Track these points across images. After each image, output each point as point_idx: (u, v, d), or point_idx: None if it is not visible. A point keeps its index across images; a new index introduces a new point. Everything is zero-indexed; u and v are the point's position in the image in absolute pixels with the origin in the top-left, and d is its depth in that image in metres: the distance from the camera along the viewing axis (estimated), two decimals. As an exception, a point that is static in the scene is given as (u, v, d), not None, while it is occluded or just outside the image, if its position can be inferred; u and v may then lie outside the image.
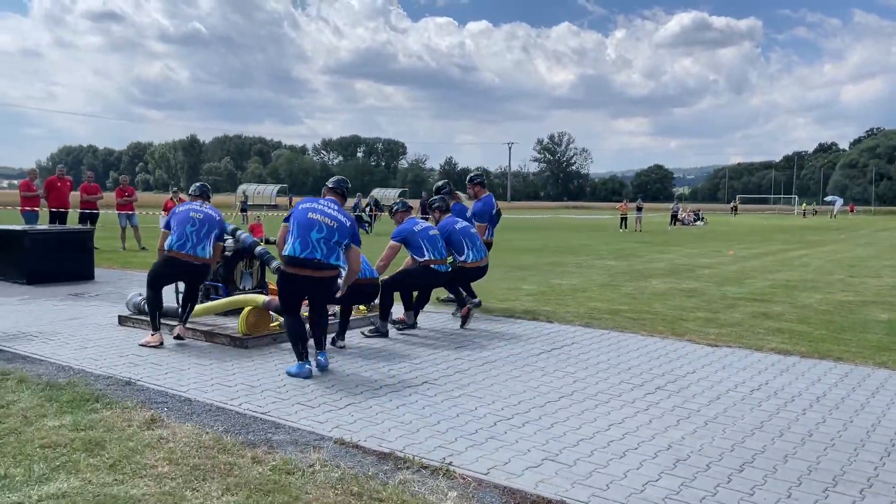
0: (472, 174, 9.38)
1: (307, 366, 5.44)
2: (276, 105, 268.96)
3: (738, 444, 4.13)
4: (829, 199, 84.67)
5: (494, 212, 9.30)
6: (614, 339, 7.13)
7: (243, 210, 36.70)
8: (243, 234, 7.63)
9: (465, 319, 7.54)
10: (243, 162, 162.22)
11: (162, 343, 6.40)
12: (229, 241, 7.64)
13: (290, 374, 5.44)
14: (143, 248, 16.19)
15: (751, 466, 3.80)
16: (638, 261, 16.32)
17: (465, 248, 7.80)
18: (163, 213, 17.26)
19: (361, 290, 6.52)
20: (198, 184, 7.41)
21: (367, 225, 27.99)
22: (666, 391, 5.24)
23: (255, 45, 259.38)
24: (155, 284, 6.55)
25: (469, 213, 8.94)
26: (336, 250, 5.59)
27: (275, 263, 6.78)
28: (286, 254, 5.55)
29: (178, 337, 6.54)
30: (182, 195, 17.83)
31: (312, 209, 5.64)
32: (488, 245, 8.83)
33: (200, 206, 6.86)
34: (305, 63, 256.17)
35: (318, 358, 5.63)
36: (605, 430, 4.33)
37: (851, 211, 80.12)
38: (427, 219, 9.20)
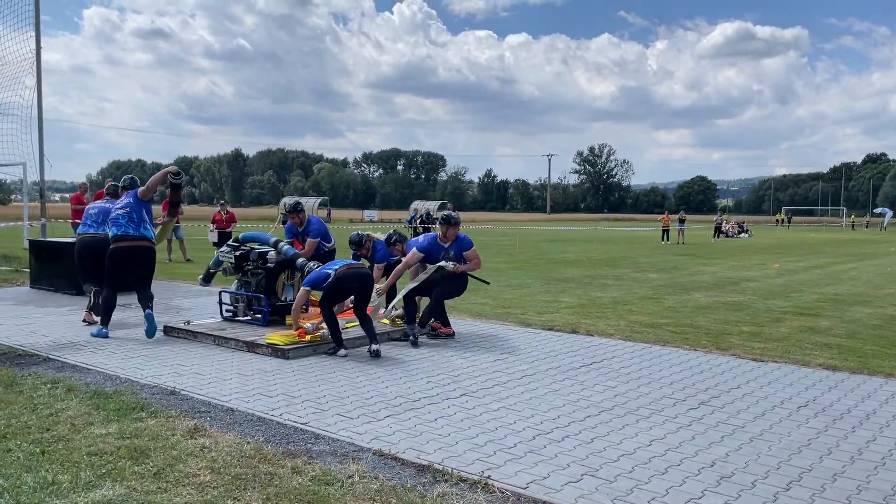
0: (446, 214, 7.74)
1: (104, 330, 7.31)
2: (318, 119, 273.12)
3: (784, 462, 4.02)
4: (878, 210, 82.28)
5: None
6: (656, 353, 7.03)
7: (284, 222, 37.14)
8: (285, 247, 7.77)
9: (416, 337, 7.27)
10: (286, 175, 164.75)
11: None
12: (271, 253, 7.76)
13: (92, 335, 7.26)
14: (189, 260, 16.51)
15: (798, 485, 3.70)
16: (680, 274, 16.07)
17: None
18: (211, 225, 17.59)
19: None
20: (127, 176, 8.52)
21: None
22: (710, 406, 5.13)
23: (298, 61, 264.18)
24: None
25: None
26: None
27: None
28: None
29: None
30: (229, 208, 18.20)
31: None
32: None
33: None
34: (347, 77, 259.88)
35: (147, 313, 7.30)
36: (646, 446, 4.26)
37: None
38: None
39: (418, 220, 29.13)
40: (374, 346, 6.58)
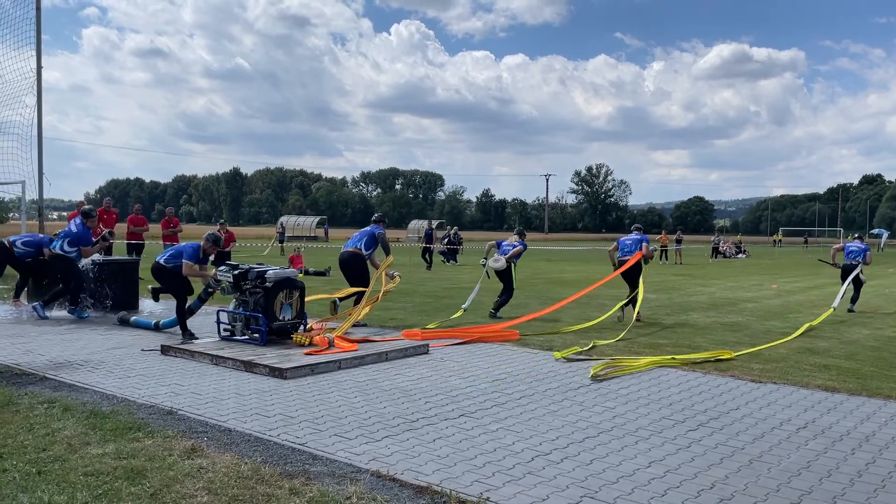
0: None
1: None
2: (317, 138, 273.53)
3: (784, 485, 4.01)
4: (875, 231, 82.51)
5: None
6: (655, 373, 7.02)
7: (281, 241, 37.01)
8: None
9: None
10: (284, 194, 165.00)
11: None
12: (270, 273, 7.79)
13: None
14: None
15: (798, 508, 3.68)
16: (678, 294, 16.07)
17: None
18: None
19: None
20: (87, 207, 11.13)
21: (452, 257, 28.18)
22: (709, 428, 5.12)
23: (297, 81, 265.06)
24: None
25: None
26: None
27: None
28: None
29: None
30: (228, 227, 18.20)
31: None
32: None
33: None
34: (345, 97, 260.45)
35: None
36: (645, 468, 4.25)
37: (900, 244, 77.85)
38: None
39: (447, 241, 29.52)
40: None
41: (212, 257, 9.38)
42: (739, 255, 41.38)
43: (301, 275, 16.37)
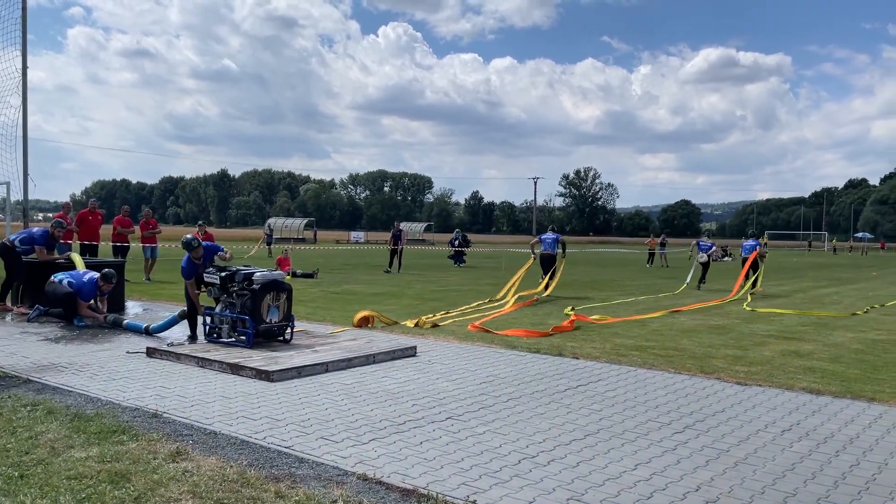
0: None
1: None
2: (305, 140, 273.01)
3: (769, 487, 4.03)
4: (859, 235, 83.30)
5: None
6: (641, 376, 7.04)
7: (268, 243, 36.84)
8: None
9: None
10: (272, 196, 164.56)
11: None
12: (258, 274, 7.76)
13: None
14: (148, 280, 16.41)
15: (782, 510, 3.71)
16: (665, 297, 16.14)
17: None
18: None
19: None
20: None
21: (462, 259, 28.40)
22: (694, 430, 5.14)
23: (284, 82, 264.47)
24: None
25: None
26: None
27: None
28: None
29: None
30: (208, 229, 18.03)
31: None
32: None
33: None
34: (333, 99, 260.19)
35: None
36: (631, 470, 4.26)
37: (882, 248, 78.69)
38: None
39: (457, 243, 29.51)
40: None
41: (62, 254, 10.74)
42: (725, 259, 41.62)
43: (289, 277, 16.33)
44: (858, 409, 5.86)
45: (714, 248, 19.80)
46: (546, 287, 15.33)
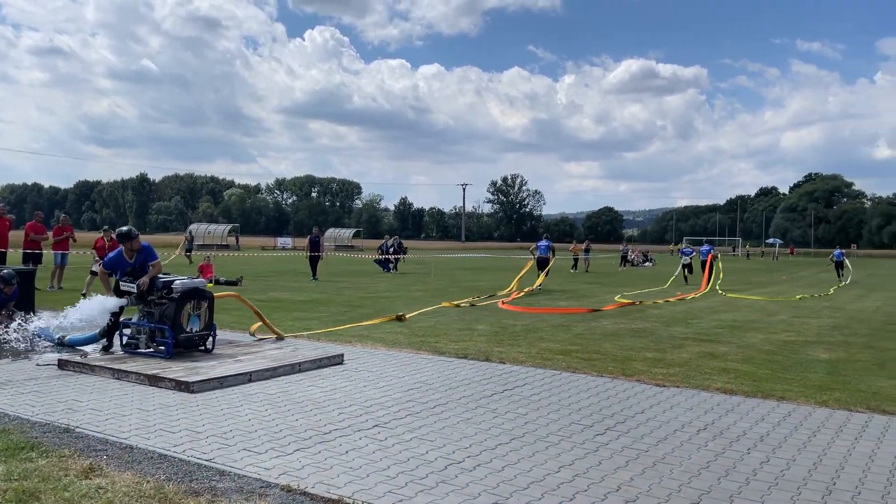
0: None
1: None
2: (229, 144, 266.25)
3: (685, 485, 4.17)
4: (770, 241, 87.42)
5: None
6: (566, 379, 7.18)
7: (189, 250, 35.28)
8: None
9: None
10: (195, 201, 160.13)
11: None
12: (177, 282, 7.54)
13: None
14: (58, 287, 15.72)
15: (698, 507, 3.84)
16: (589, 302, 16.51)
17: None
18: (93, 251, 16.48)
19: None
20: None
21: (391, 265, 28.22)
22: (616, 431, 5.28)
23: (207, 84, 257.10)
24: None
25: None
26: None
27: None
28: None
29: None
30: (112, 234, 17.06)
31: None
32: None
33: None
34: (258, 102, 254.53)
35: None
36: (555, 472, 4.33)
37: (792, 253, 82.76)
38: None
39: (392, 250, 29.24)
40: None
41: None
42: (647, 264, 42.94)
43: (211, 284, 15.90)
44: (769, 408, 6.13)
45: (694, 252, 24.16)
46: (538, 282, 19.69)
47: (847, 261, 30.96)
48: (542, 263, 20.71)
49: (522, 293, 17.66)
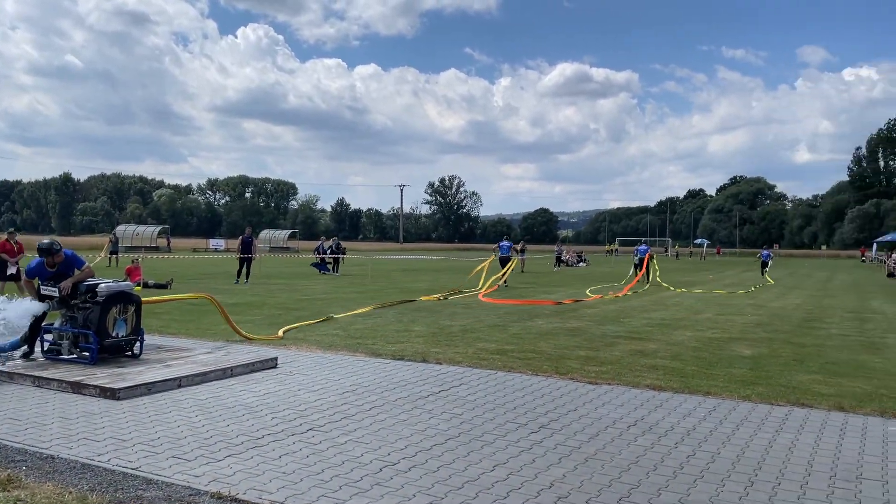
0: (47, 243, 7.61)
1: None
2: (158, 143, 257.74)
3: (615, 480, 4.27)
4: (698, 241, 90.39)
5: None
6: (501, 378, 7.25)
7: (113, 252, 33.70)
8: None
9: None
10: (122, 202, 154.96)
11: None
12: (102, 286, 7.28)
13: None
14: None
15: (627, 501, 3.94)
16: (524, 301, 16.70)
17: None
18: (6, 257, 15.38)
19: None
20: None
21: (327, 266, 27.91)
22: (549, 429, 5.36)
23: (135, 81, 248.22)
24: None
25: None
26: None
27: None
28: None
29: None
30: (17, 237, 15.99)
31: None
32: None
33: None
34: (189, 101, 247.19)
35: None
36: (489, 471, 4.37)
37: (718, 253, 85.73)
38: None
39: (330, 251, 28.81)
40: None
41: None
42: (580, 264, 43.76)
43: (138, 288, 15.42)
44: (695, 403, 6.34)
45: (649, 250, 26.08)
46: (503, 277, 22.15)
47: (770, 262, 32.21)
48: (503, 262, 23.59)
49: (496, 287, 20.00)
